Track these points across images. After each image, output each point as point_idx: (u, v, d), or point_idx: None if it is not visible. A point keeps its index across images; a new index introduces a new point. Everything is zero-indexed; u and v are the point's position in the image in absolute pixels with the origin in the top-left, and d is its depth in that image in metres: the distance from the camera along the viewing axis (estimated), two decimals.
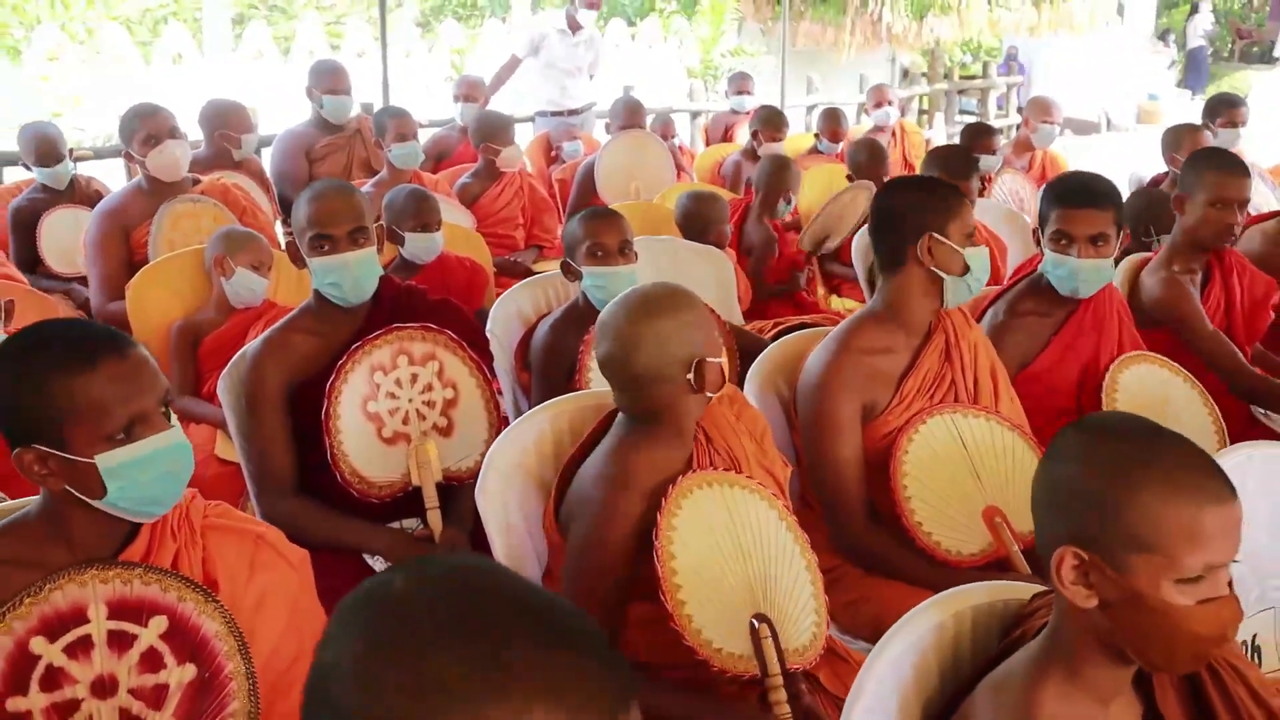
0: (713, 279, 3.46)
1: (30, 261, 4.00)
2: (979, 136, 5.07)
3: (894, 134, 6.37)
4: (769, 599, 1.76)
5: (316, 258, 2.27)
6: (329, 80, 4.84)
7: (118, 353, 1.42)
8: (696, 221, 4.00)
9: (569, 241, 2.79)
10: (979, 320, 2.62)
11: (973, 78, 11.67)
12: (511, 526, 1.88)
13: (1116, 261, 2.65)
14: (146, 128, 3.59)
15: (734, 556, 1.76)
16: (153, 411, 1.44)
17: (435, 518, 2.26)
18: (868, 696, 1.24)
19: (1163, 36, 19.22)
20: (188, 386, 3.09)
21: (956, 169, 3.49)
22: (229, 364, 2.37)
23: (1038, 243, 2.61)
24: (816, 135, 6.00)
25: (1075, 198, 2.54)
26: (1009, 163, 5.50)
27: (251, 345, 2.34)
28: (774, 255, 4.37)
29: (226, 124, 4.26)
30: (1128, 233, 2.80)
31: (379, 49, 6.73)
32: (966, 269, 2.19)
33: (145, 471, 1.43)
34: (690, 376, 1.78)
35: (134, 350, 1.44)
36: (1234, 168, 2.97)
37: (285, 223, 4.54)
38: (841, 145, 5.35)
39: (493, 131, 4.65)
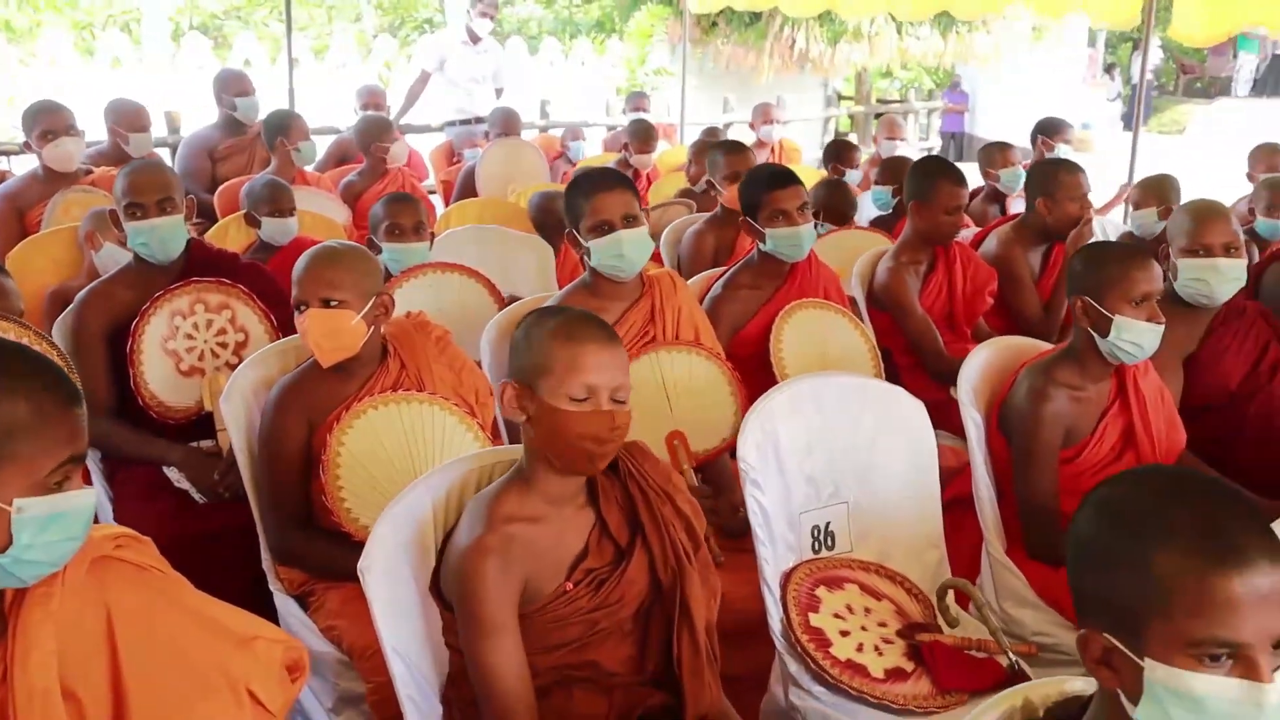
0: (534, 262, 3.99)
1: None
2: (840, 151, 5.67)
3: (773, 150, 6.92)
4: None
5: (130, 222, 2.77)
6: (237, 84, 5.36)
7: None
8: (549, 218, 4.48)
9: (373, 221, 3.30)
10: (703, 298, 3.14)
11: (892, 101, 12.26)
12: (249, 426, 2.38)
13: None
14: (44, 123, 4.11)
15: (400, 455, 2.28)
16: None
17: (224, 437, 2.75)
18: (400, 508, 1.73)
19: (1109, 70, 19.97)
20: None
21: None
22: (62, 313, 2.86)
23: (748, 232, 3.12)
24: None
25: (780, 180, 3.07)
26: (868, 177, 6.07)
27: (79, 295, 2.83)
28: None
29: (119, 122, 4.76)
30: None
31: (313, 60, 7.25)
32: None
33: None
34: None
35: None
36: (961, 179, 3.50)
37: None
38: (654, 157, 5.90)
39: (379, 132, 5.17)
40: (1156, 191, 4.06)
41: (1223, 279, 2.75)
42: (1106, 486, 1.15)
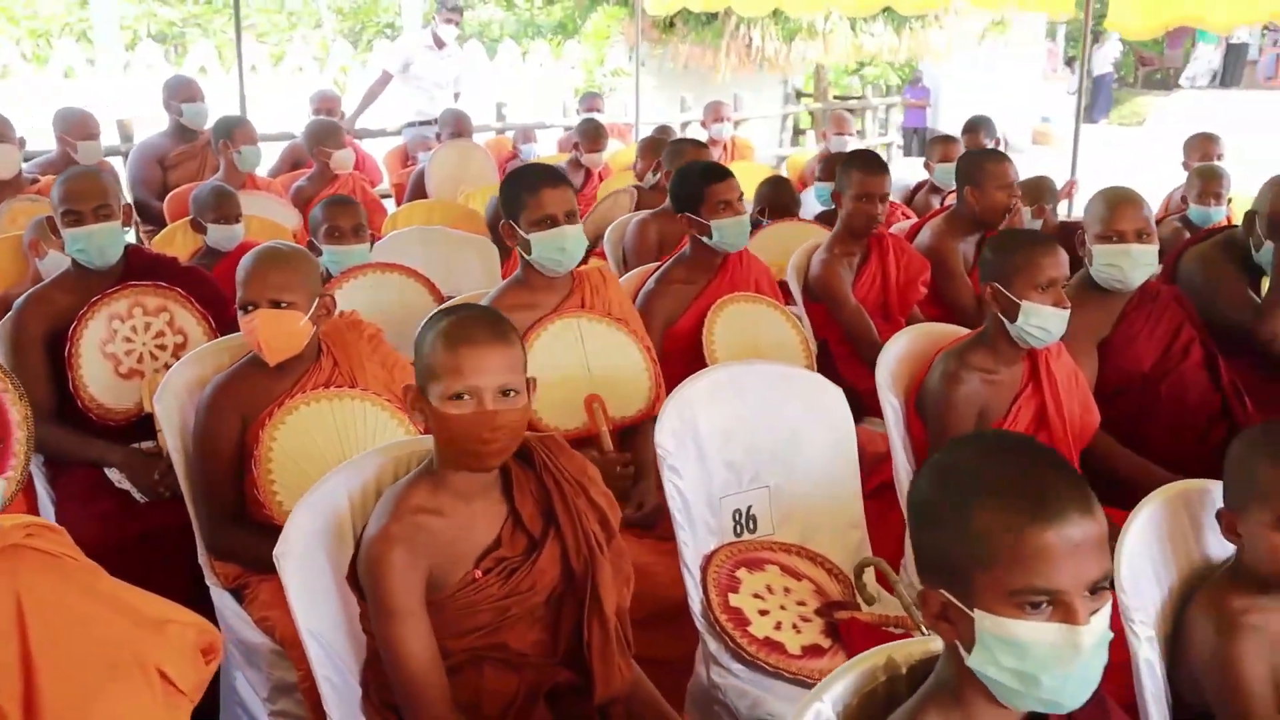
0: (479, 263, 4.05)
1: None
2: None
3: (725, 147, 7.01)
4: None
5: (67, 229, 2.81)
6: (185, 91, 5.39)
7: None
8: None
9: (313, 224, 3.36)
10: (636, 294, 3.22)
11: (850, 98, 12.39)
12: (183, 425, 2.42)
13: None
14: None
15: (332, 449, 2.33)
16: None
17: (163, 438, 2.78)
18: (316, 496, 1.79)
19: (1069, 63, 20.22)
20: None
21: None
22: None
23: (689, 227, 3.19)
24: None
25: (718, 173, 3.17)
26: (812, 173, 6.18)
27: (17, 301, 2.87)
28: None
29: (67, 130, 4.79)
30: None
31: (270, 67, 7.27)
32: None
33: None
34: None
35: None
36: (875, 168, 3.59)
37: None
38: (604, 155, 5.98)
39: (324, 137, 5.21)
40: (1031, 191, 4.28)
41: (1135, 264, 2.83)
42: (941, 451, 1.23)
